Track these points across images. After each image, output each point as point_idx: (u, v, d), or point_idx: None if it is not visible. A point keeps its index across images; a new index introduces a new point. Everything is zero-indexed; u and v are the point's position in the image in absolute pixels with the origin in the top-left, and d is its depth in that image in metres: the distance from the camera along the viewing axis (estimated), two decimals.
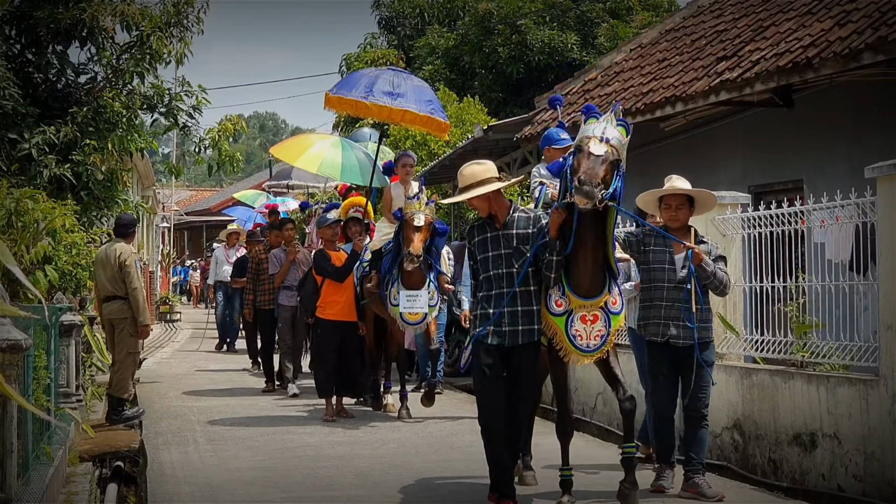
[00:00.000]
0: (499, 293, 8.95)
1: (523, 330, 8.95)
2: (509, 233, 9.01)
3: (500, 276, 8.96)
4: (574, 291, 8.83)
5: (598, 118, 8.73)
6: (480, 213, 9.16)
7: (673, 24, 19.56)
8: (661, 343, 9.63)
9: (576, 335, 8.90)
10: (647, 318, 9.73)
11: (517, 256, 8.93)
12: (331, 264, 14.52)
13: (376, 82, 14.44)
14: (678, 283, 9.54)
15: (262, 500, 9.70)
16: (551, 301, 8.95)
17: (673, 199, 9.75)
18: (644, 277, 9.81)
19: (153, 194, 37.87)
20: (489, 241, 9.05)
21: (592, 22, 30.87)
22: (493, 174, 9.09)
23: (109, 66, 15.80)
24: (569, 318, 8.90)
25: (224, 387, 18.00)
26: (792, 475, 10.69)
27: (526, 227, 9.03)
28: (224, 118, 17.00)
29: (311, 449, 12.11)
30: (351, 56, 34.07)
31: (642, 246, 9.72)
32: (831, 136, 14.07)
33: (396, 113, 14.37)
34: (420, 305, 13.71)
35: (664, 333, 9.58)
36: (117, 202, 15.81)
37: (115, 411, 13.35)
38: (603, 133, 8.49)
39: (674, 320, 9.53)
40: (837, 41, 12.60)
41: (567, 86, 20.02)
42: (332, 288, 14.52)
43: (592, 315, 8.90)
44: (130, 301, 13.23)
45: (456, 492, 10.00)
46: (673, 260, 9.59)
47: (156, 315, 34.27)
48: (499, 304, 8.92)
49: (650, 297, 9.70)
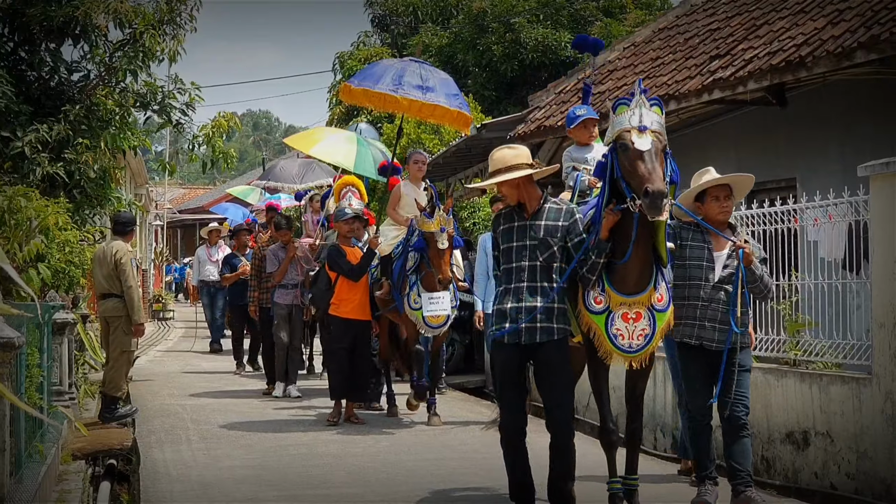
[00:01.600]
0: (518, 287, 8.37)
1: (542, 328, 8.31)
2: (537, 223, 8.42)
3: (521, 268, 8.38)
4: (616, 288, 8.27)
5: (628, 104, 8.08)
6: (509, 200, 8.63)
7: (666, 22, 19.55)
8: (694, 346, 8.93)
9: (617, 334, 8.34)
10: (679, 317, 8.87)
11: (542, 249, 8.33)
12: (346, 261, 13.92)
13: (404, 74, 14.00)
14: (717, 282, 8.82)
15: (255, 498, 9.70)
16: (589, 298, 8.36)
17: (720, 190, 9.00)
18: (679, 274, 8.96)
19: (146, 192, 37.81)
20: (515, 230, 8.48)
21: (586, 20, 30.88)
22: (525, 160, 8.52)
23: (102, 63, 15.76)
24: (609, 317, 8.33)
25: (217, 385, 17.98)
26: (785, 473, 10.71)
27: (556, 220, 8.43)
28: (218, 115, 16.98)
29: (304, 447, 12.11)
30: (344, 54, 34.04)
31: (678, 240, 8.92)
32: (824, 135, 14.08)
33: (427, 108, 14.00)
34: (443, 308, 13.34)
35: (699, 336, 8.88)
36: (110, 200, 15.78)
37: (108, 409, 13.33)
38: (640, 121, 7.95)
39: (710, 321, 8.82)
40: (830, 40, 12.61)
41: (560, 84, 20.00)
42: (346, 285, 13.95)
43: (635, 313, 8.33)
44: (125, 299, 13.22)
45: (449, 490, 10.00)
46: (712, 257, 8.87)
47: (149, 313, 34.24)
48: (517, 299, 8.35)
49: (684, 295, 8.89)
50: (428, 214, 12.88)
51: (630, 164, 7.87)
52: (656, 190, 7.61)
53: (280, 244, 16.92)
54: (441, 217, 12.82)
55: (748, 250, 8.74)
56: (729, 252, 8.84)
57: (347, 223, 14.20)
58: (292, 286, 16.68)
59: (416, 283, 13.33)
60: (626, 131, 7.95)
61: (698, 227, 8.95)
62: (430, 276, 13.12)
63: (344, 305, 13.94)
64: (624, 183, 7.96)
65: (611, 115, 8.16)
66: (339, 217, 14.40)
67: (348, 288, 13.92)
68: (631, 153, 7.87)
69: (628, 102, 8.08)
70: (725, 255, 8.86)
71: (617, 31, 28.58)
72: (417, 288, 13.31)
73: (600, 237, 8.15)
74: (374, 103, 14.63)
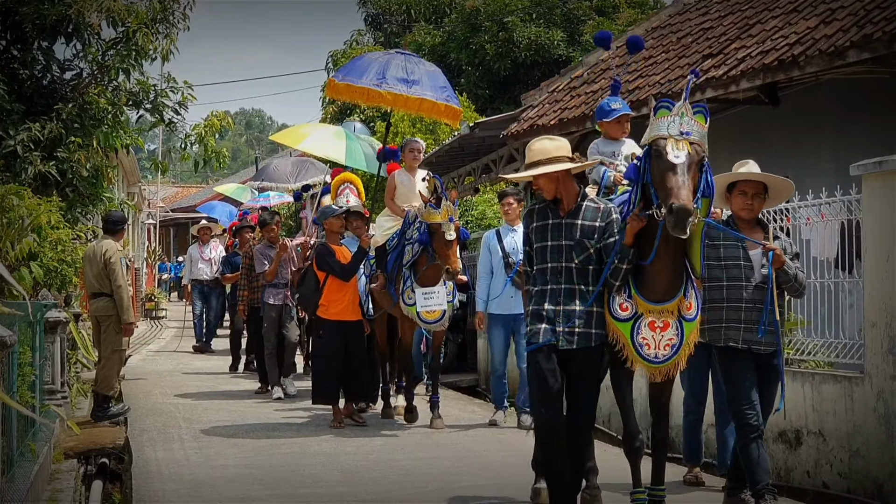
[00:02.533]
0: (555, 289, 7.94)
1: (580, 333, 7.90)
2: (574, 222, 7.99)
3: (557, 269, 7.96)
4: (643, 295, 7.82)
5: (670, 109, 7.57)
6: (546, 194, 8.09)
7: (659, 21, 19.57)
8: (741, 350, 8.47)
9: (642, 343, 7.87)
10: (718, 320, 8.46)
11: (578, 251, 7.92)
12: (335, 261, 13.28)
13: (388, 68, 13.56)
14: (760, 282, 8.43)
15: (247, 496, 9.67)
16: (615, 304, 7.90)
17: (749, 185, 8.66)
18: (713, 275, 8.48)
19: (139, 191, 37.80)
20: (550, 228, 8.04)
21: (578, 19, 30.96)
22: (566, 153, 8.08)
23: (95, 62, 15.76)
24: (635, 325, 7.87)
25: (209, 384, 17.94)
26: (777, 472, 10.71)
27: (594, 220, 7.99)
28: (210, 114, 16.97)
29: (296, 446, 12.09)
30: (337, 53, 34.11)
31: (707, 239, 8.31)
32: (817, 134, 14.10)
33: (413, 102, 13.54)
34: (438, 302, 12.92)
35: (746, 339, 8.44)
36: (102, 199, 15.79)
37: (100, 408, 13.32)
38: (680, 129, 7.48)
39: (756, 324, 8.41)
40: (823, 39, 12.64)
41: (553, 83, 20.01)
42: (335, 285, 13.30)
43: (662, 322, 7.85)
44: (115, 298, 13.20)
45: (442, 489, 9.97)
46: (748, 256, 8.49)
47: (141, 312, 34.20)
48: (554, 301, 7.92)
49: (724, 296, 8.48)
50: (434, 205, 12.49)
51: (660, 175, 7.44)
52: (681, 207, 7.18)
53: (266, 243, 16.50)
54: (448, 207, 12.45)
55: (778, 252, 8.38)
56: (763, 253, 8.47)
57: (339, 218, 13.67)
58: (283, 285, 16.21)
59: (409, 277, 12.96)
60: (663, 138, 7.48)
61: (729, 226, 8.64)
62: (428, 271, 12.79)
63: (333, 307, 13.33)
64: (653, 190, 7.55)
65: (651, 116, 7.69)
66: (327, 214, 13.91)
67: (337, 288, 13.32)
68: (663, 163, 7.42)
69: (670, 107, 7.60)
70: (760, 255, 8.49)
71: (610, 30, 28.58)
72: (412, 283, 12.94)
73: (624, 242, 7.74)
74: (359, 98, 14.21)
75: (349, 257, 13.35)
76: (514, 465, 10.92)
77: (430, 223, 12.52)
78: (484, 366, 18.01)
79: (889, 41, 11.71)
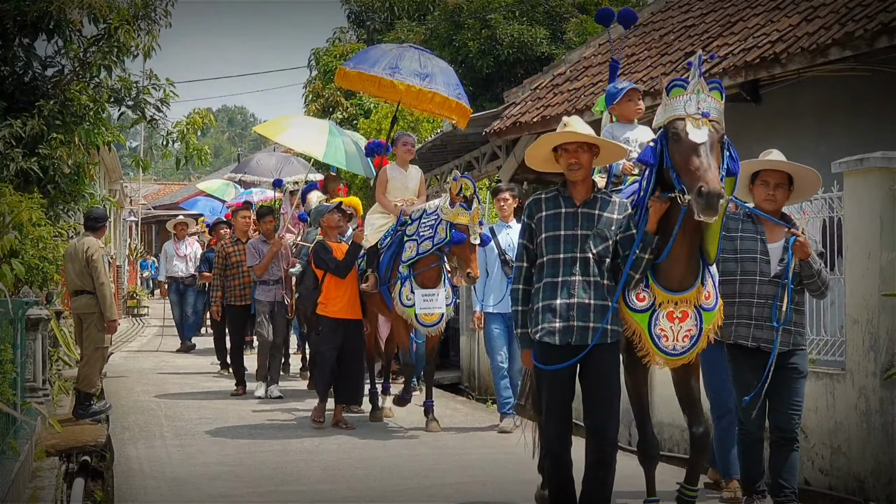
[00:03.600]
0: (568, 281, 7.39)
1: (594, 328, 7.35)
2: (591, 212, 7.50)
3: (571, 260, 7.41)
4: (660, 284, 7.43)
5: (684, 87, 7.17)
6: (577, 173, 7.49)
7: (641, 19, 19.53)
8: (751, 348, 8.17)
9: (660, 335, 7.49)
10: (728, 316, 7.97)
11: (597, 241, 7.42)
12: (332, 258, 13.04)
13: (402, 59, 13.37)
14: (774, 277, 8.10)
15: (229, 494, 9.67)
16: (631, 294, 7.49)
17: (771, 175, 8.31)
18: (727, 269, 8.17)
19: (120, 188, 37.70)
20: (563, 217, 7.50)
21: (561, 17, 30.92)
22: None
23: (76, 59, 15.73)
24: (653, 315, 7.47)
25: (191, 382, 17.90)
26: None
27: (611, 212, 7.52)
28: (192, 111, 16.94)
29: (278, 444, 12.08)
30: (320, 50, 34.03)
31: (724, 231, 7.93)
32: (799, 131, 14.12)
33: (425, 95, 13.29)
34: (438, 305, 12.49)
35: (756, 337, 8.14)
36: (84, 196, 15.75)
37: (81, 406, 13.29)
38: (697, 107, 7.09)
39: (767, 321, 8.08)
40: (805, 36, 12.66)
41: (536, 80, 19.99)
42: (334, 283, 13.10)
43: (681, 312, 7.47)
44: (98, 296, 13.17)
45: (424, 486, 9.99)
46: (766, 249, 8.17)
47: (123, 309, 34.09)
48: (567, 294, 7.38)
49: (736, 291, 8.16)
50: (466, 206, 11.96)
51: (682, 158, 7.02)
52: (712, 191, 6.77)
53: (261, 238, 16.00)
54: (478, 210, 12.04)
55: (802, 239, 7.99)
56: (784, 245, 8.10)
57: (333, 214, 13.42)
58: (274, 282, 15.74)
59: (409, 277, 12.51)
60: (680, 119, 7.09)
61: (750, 217, 8.27)
62: (429, 273, 12.45)
63: (332, 304, 13.13)
64: (674, 174, 7.12)
65: (664, 96, 7.32)
66: (321, 212, 13.74)
67: (336, 286, 13.10)
68: (684, 145, 7.02)
69: (685, 85, 7.19)
70: (781, 248, 8.13)
71: (592, 28, 28.58)
72: (411, 283, 12.50)
73: (647, 229, 7.29)
74: (370, 88, 13.94)
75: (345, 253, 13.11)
76: (496, 463, 10.99)
77: (456, 223, 11.97)
78: (467, 363, 18.01)
79: (870, 39, 11.74)
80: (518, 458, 10.67)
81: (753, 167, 8.36)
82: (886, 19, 11.66)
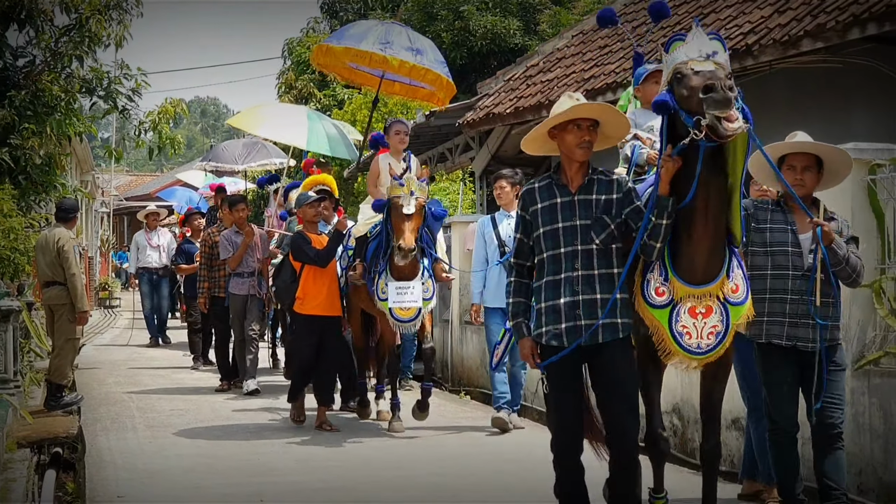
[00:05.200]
0: (570, 277, 6.84)
1: (604, 324, 6.82)
2: (588, 198, 6.90)
3: (573, 254, 6.84)
4: (681, 276, 6.89)
5: (683, 40, 6.68)
6: (581, 156, 6.91)
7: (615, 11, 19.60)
8: (785, 347, 7.63)
9: (682, 332, 6.95)
10: (759, 314, 7.43)
11: (598, 229, 6.83)
12: (311, 247, 12.19)
13: (390, 34, 12.77)
14: (807, 270, 7.56)
15: (201, 485, 9.64)
16: (649, 288, 6.98)
17: (798, 158, 7.74)
18: (757, 263, 7.61)
19: (92, 179, 37.55)
20: (560, 208, 6.91)
21: (535, 8, 30.98)
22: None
23: (48, 49, 15.68)
24: (673, 311, 6.93)
25: (164, 373, 17.85)
26: (730, 459, 10.75)
27: (609, 193, 6.91)
28: (165, 101, 16.90)
29: (251, 435, 12.05)
30: (293, 41, 34.00)
31: (753, 223, 7.58)
32: (770, 123, 14.10)
33: (418, 71, 12.75)
34: (413, 299, 11.65)
35: (791, 335, 7.60)
36: (56, 186, 15.71)
37: (53, 397, 13.25)
38: (699, 51, 6.57)
39: (802, 318, 7.55)
40: (777, 28, 12.71)
41: (509, 72, 20.02)
42: (311, 277, 12.28)
43: (705, 307, 6.91)
44: (69, 287, 13.12)
45: (398, 477, 9.99)
46: (798, 241, 7.60)
47: (95, 301, 33.99)
48: (571, 292, 6.83)
49: (767, 287, 7.59)
50: (397, 178, 11.44)
51: (689, 91, 6.45)
52: (724, 85, 6.31)
53: (234, 229, 15.34)
54: (410, 181, 11.33)
55: (827, 227, 7.41)
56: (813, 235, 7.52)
57: (313, 206, 12.55)
58: (248, 274, 15.19)
59: (384, 269, 11.75)
60: (684, 63, 6.55)
61: (779, 207, 7.71)
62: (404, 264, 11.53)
63: (309, 301, 12.34)
64: (683, 113, 6.56)
65: (664, 56, 6.83)
66: (302, 201, 12.80)
67: (314, 280, 12.30)
68: (690, 80, 6.47)
69: (683, 38, 6.72)
70: (811, 238, 7.56)
71: (565, 20, 28.66)
72: (386, 276, 11.72)
73: (660, 192, 6.74)
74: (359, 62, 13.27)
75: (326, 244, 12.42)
76: (472, 455, 11.00)
77: (391, 197, 11.41)
78: (440, 354, 17.98)
79: (842, 31, 11.78)
80: (492, 450, 10.72)
81: (779, 151, 7.79)
82: (858, 11, 11.71)
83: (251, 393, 14.93)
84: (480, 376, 15.32)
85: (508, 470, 10.15)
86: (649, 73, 8.69)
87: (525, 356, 7.14)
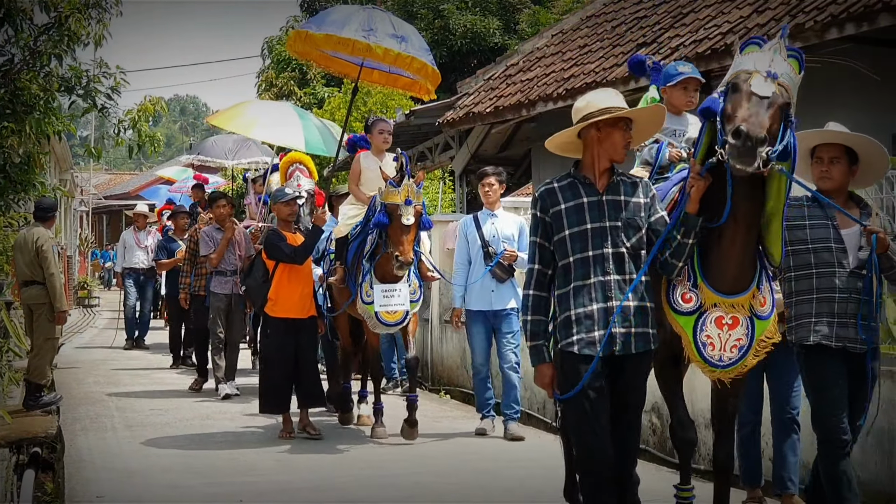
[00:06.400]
0: (602, 282, 6.47)
1: (637, 333, 6.52)
2: (617, 199, 6.56)
3: (602, 257, 6.48)
4: (711, 284, 6.64)
5: (760, 45, 6.42)
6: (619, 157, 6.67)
7: (594, 10, 19.64)
8: (835, 349, 7.03)
9: (706, 342, 6.70)
10: (805, 315, 7.07)
11: (630, 231, 6.53)
12: (286, 244, 11.67)
13: (373, 20, 12.23)
14: (855, 267, 7.02)
15: (181, 485, 9.63)
16: (676, 294, 6.72)
17: (825, 149, 7.21)
18: (800, 261, 7.11)
19: (71, 178, 37.38)
20: (587, 208, 6.54)
21: (514, 7, 31.05)
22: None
23: (27, 47, 15.58)
24: (699, 319, 6.68)
25: (144, 373, 17.82)
26: (709, 457, 10.79)
27: (637, 196, 6.62)
28: (144, 98, 16.83)
29: (231, 435, 12.05)
30: (273, 39, 33.97)
31: (788, 220, 6.90)
32: None
33: (404, 59, 12.24)
34: (399, 302, 11.23)
35: (839, 336, 7.00)
36: (34, 185, 15.61)
37: (32, 397, 13.19)
38: (770, 66, 6.26)
39: (851, 318, 7.00)
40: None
41: (489, 71, 20.06)
42: (285, 278, 11.75)
43: (731, 318, 6.65)
44: (47, 286, 13.08)
45: (376, 475, 10.00)
46: (840, 236, 7.06)
47: (74, 300, 33.87)
48: (603, 297, 6.47)
49: (813, 286, 7.06)
50: (394, 184, 10.87)
51: (733, 106, 6.21)
52: (751, 133, 5.99)
53: (215, 225, 15.08)
54: (409, 187, 10.84)
55: (882, 235, 6.96)
56: (860, 232, 7.03)
57: (288, 205, 11.97)
58: (231, 273, 14.85)
59: (369, 271, 11.30)
60: (748, 73, 6.28)
61: (816, 201, 7.14)
62: (385, 263, 11.11)
63: (282, 303, 11.81)
64: (720, 125, 6.32)
65: (735, 56, 6.56)
66: (277, 198, 12.11)
67: (287, 281, 11.78)
68: (741, 95, 6.21)
69: (760, 44, 6.46)
70: (856, 235, 7.06)
71: (545, 19, 28.73)
72: (371, 278, 11.28)
73: (687, 210, 6.50)
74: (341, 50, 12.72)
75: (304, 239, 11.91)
76: (451, 454, 11.01)
77: (387, 203, 10.90)
78: (419, 353, 17.99)
79: (820, 30, 11.84)
80: (473, 449, 10.74)
81: (807, 141, 7.20)
82: (836, 11, 11.77)
83: (226, 398, 14.62)
84: (460, 376, 15.33)
85: (489, 469, 10.17)
86: (685, 78, 8.29)
87: (545, 385, 6.74)
